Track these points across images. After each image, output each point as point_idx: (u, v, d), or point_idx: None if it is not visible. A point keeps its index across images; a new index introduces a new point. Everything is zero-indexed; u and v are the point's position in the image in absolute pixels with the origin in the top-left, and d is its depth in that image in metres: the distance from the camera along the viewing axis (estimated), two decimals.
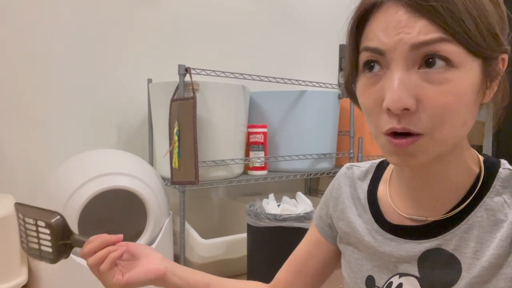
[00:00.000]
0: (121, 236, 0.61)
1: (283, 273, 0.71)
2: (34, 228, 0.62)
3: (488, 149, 2.80)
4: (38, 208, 0.63)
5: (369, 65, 0.47)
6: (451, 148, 0.48)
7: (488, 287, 0.47)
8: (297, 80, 1.70)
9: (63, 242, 0.61)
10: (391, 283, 0.54)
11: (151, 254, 0.64)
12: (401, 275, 0.54)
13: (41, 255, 0.63)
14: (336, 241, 0.65)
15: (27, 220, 0.63)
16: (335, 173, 1.80)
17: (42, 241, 0.62)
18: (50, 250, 0.62)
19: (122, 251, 0.60)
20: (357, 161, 1.86)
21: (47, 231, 0.61)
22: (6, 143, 1.46)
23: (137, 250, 0.64)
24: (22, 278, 1.14)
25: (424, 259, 0.52)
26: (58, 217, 0.61)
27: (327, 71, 2.28)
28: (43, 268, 1.20)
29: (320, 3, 2.23)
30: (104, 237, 0.61)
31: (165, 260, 0.65)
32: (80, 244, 0.61)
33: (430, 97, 0.43)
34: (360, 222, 0.60)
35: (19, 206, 0.65)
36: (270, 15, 2.07)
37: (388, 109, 0.44)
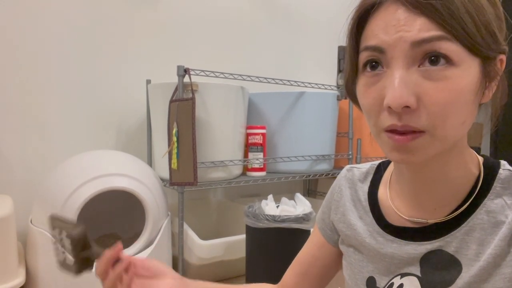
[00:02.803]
0: (120, 247, 0.60)
1: (288, 275, 0.71)
2: (59, 238, 0.63)
3: (486, 151, 2.81)
4: (66, 220, 0.63)
5: (370, 65, 0.47)
6: (451, 148, 0.48)
7: (486, 286, 0.47)
8: (296, 82, 1.70)
9: (85, 255, 0.61)
10: (392, 284, 0.54)
11: (167, 273, 0.62)
12: (403, 275, 0.54)
13: (66, 266, 0.64)
14: (338, 244, 0.65)
15: (54, 232, 0.64)
16: (334, 174, 1.81)
17: (66, 252, 0.63)
18: (72, 260, 0.62)
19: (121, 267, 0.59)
20: (356, 162, 1.86)
21: (69, 242, 0.61)
22: (4, 144, 1.45)
23: (153, 268, 0.62)
24: (20, 279, 1.13)
25: (426, 260, 0.52)
26: (80, 228, 0.61)
27: (326, 72, 2.29)
28: (41, 269, 1.20)
29: (319, 4, 2.23)
30: (107, 255, 0.60)
31: (181, 279, 0.63)
32: (98, 257, 0.61)
33: (430, 94, 0.43)
34: (361, 224, 0.60)
35: (52, 219, 0.65)
36: (269, 16, 2.07)
37: (389, 107, 0.44)
